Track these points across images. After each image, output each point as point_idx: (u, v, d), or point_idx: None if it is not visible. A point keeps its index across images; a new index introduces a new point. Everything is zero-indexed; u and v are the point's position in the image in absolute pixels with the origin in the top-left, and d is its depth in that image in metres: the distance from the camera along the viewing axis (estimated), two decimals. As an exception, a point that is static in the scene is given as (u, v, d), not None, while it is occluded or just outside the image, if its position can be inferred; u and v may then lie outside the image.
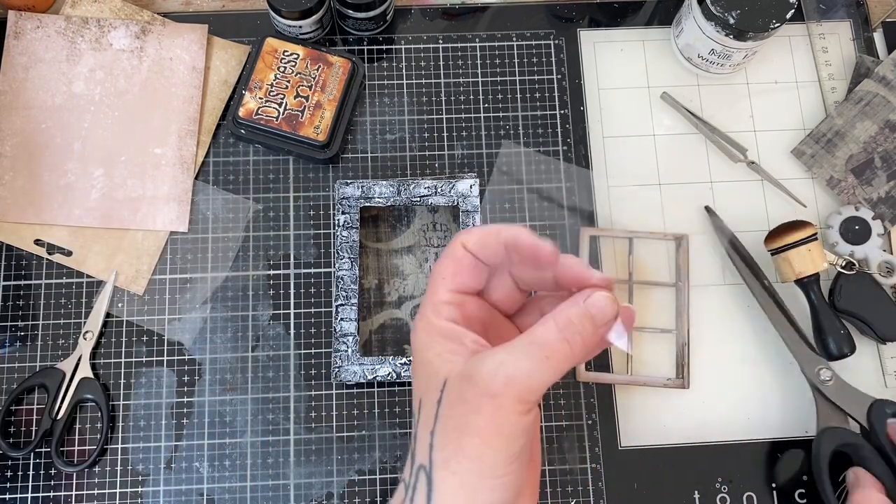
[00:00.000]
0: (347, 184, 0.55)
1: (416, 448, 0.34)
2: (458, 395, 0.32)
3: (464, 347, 0.33)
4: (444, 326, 0.34)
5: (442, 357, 0.33)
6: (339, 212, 0.54)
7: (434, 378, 0.33)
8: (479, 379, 0.31)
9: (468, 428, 0.31)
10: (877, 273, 0.55)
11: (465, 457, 0.31)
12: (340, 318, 0.52)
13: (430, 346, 0.34)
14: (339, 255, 0.53)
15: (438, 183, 0.55)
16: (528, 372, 0.31)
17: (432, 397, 0.33)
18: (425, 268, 0.54)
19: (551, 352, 0.32)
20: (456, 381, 0.32)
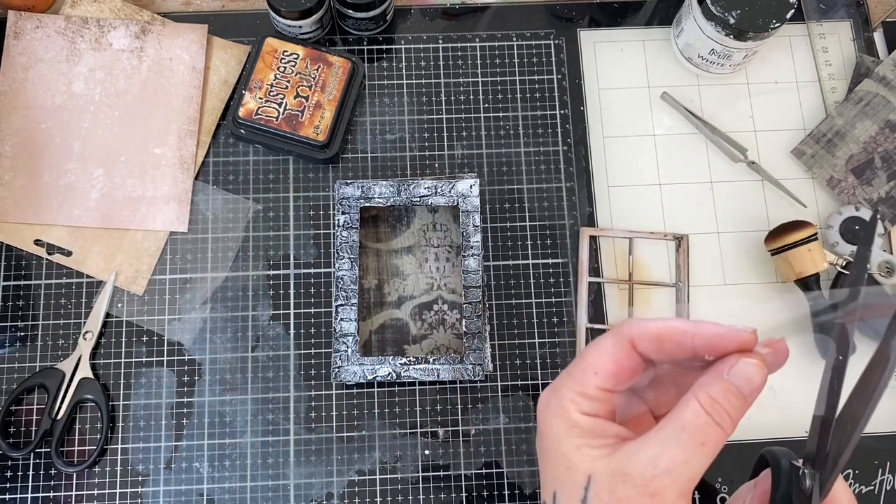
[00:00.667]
0: (347, 184, 0.55)
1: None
2: (609, 494, 0.30)
3: (608, 441, 0.31)
4: (585, 421, 0.31)
5: (582, 451, 0.31)
6: (339, 212, 0.54)
7: (573, 473, 0.31)
8: (636, 477, 0.29)
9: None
10: (877, 273, 0.55)
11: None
12: (340, 319, 0.52)
13: (568, 438, 0.31)
14: (338, 255, 0.53)
15: (438, 183, 0.55)
16: (685, 462, 0.29)
17: (574, 494, 0.31)
18: (425, 268, 0.54)
19: (705, 437, 0.29)
20: (605, 480, 0.30)
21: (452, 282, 0.55)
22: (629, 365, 0.32)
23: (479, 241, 0.53)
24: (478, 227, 0.54)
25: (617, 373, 0.31)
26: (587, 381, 0.32)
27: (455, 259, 0.56)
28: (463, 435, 0.53)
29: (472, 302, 0.53)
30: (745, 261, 0.57)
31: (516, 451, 0.53)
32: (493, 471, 0.52)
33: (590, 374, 0.32)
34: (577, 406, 0.31)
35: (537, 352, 0.55)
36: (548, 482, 0.32)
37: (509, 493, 0.52)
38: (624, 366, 0.32)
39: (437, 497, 0.52)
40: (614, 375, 0.31)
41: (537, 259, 0.56)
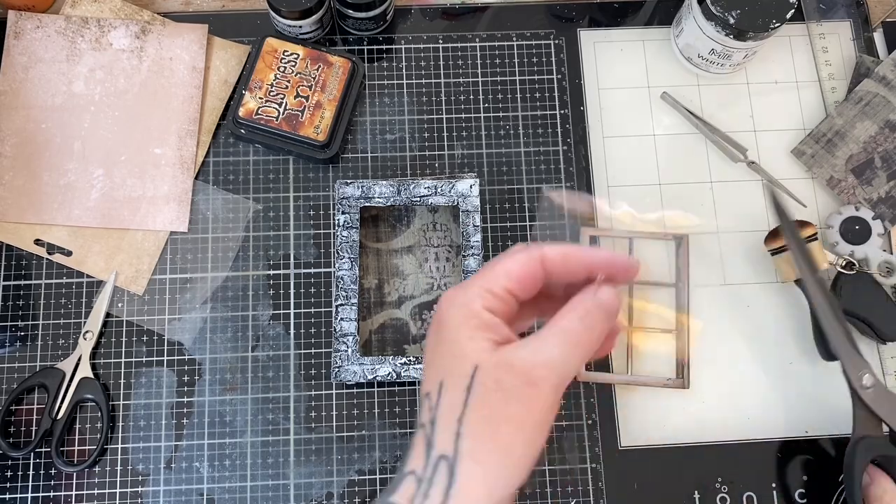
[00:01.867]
0: (347, 184, 0.55)
1: (436, 436, 0.33)
2: (494, 383, 0.32)
3: (497, 338, 0.34)
4: (485, 315, 0.34)
5: (475, 342, 0.33)
6: (339, 212, 0.54)
7: (462, 361, 0.33)
8: (518, 367, 0.32)
9: (504, 416, 0.32)
10: (877, 273, 0.55)
11: (496, 446, 0.32)
12: (340, 318, 0.52)
13: (465, 328, 0.34)
14: (339, 255, 0.53)
15: (438, 183, 0.55)
16: (562, 359, 0.33)
17: (460, 382, 0.33)
18: (425, 268, 0.54)
19: (579, 339, 0.33)
20: (491, 368, 0.32)
21: (452, 282, 0.55)
22: (536, 275, 0.35)
23: (479, 241, 0.53)
24: (478, 226, 0.54)
25: (524, 279, 0.35)
26: (497, 282, 0.34)
27: (455, 259, 0.56)
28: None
29: None
30: (744, 261, 0.57)
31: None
32: (493, 471, 0.52)
33: (501, 276, 0.34)
34: (483, 301, 0.34)
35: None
36: (434, 373, 0.34)
37: (509, 493, 0.52)
38: (531, 274, 0.35)
39: (437, 497, 0.52)
40: (521, 281, 0.35)
41: (537, 259, 0.56)
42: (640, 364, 0.55)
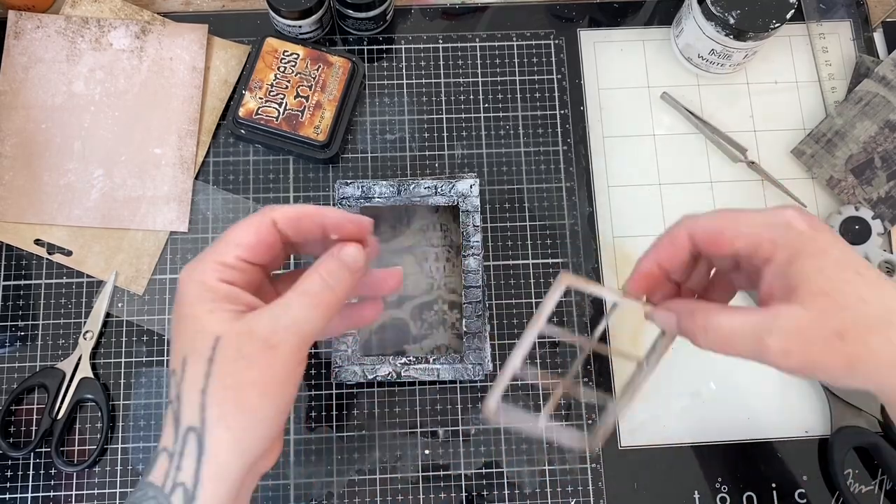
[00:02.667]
0: (347, 184, 0.55)
1: (183, 410, 0.34)
2: (235, 351, 0.33)
3: (239, 307, 0.34)
4: (222, 287, 0.35)
5: (215, 314, 0.34)
6: None
7: (203, 335, 0.34)
8: (259, 333, 0.33)
9: (248, 381, 0.33)
10: (877, 273, 0.55)
11: (242, 411, 0.33)
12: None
13: (202, 302, 0.34)
14: None
15: (438, 183, 0.55)
16: (303, 320, 0.34)
17: (201, 355, 0.33)
18: (425, 268, 0.54)
19: (319, 300, 0.35)
20: (232, 337, 0.33)
21: (452, 282, 0.55)
22: (268, 240, 0.36)
23: (479, 241, 0.53)
24: (478, 226, 0.54)
25: (256, 245, 0.36)
26: (228, 252, 0.35)
27: (455, 259, 0.56)
28: (463, 435, 0.53)
29: (472, 302, 0.53)
30: (744, 261, 0.57)
31: (516, 450, 0.53)
32: (492, 470, 0.53)
33: (231, 246, 0.35)
34: (217, 273, 0.35)
35: (537, 352, 0.55)
36: (179, 350, 0.35)
37: (509, 493, 0.52)
38: (263, 240, 0.36)
39: (437, 497, 0.52)
40: (253, 248, 0.36)
41: (537, 259, 0.56)
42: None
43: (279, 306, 0.34)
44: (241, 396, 0.33)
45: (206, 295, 0.34)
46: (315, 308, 0.35)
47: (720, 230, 0.35)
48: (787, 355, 0.33)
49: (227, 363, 0.33)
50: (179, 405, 0.34)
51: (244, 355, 0.33)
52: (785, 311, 0.33)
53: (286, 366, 0.34)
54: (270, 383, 0.34)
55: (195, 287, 0.35)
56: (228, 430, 0.33)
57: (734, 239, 0.35)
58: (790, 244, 0.34)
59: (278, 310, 0.34)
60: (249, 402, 0.33)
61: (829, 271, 0.33)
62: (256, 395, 0.33)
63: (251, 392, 0.33)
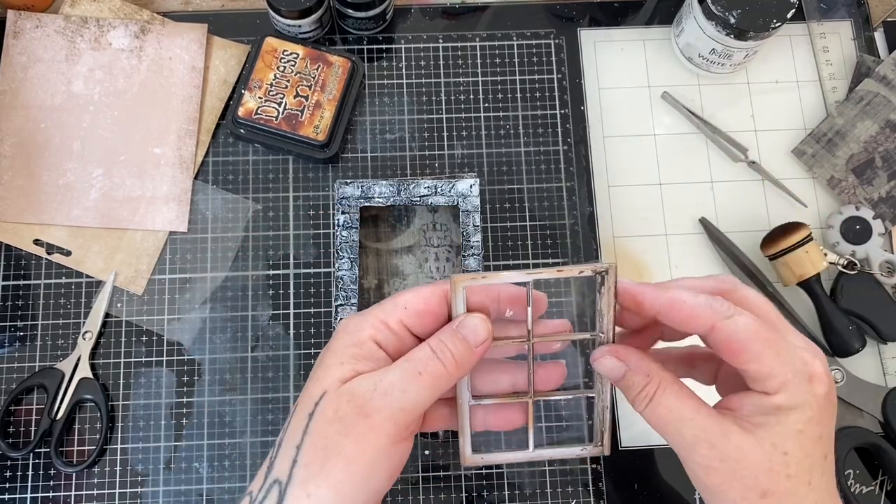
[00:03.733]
0: (347, 183, 0.55)
1: (277, 460, 0.32)
2: (334, 412, 0.31)
3: (370, 365, 0.32)
4: (368, 345, 0.33)
5: (341, 368, 0.32)
6: (339, 211, 0.54)
7: (316, 385, 0.32)
8: (358, 397, 0.31)
9: (336, 449, 0.31)
10: (878, 273, 0.55)
11: (325, 481, 0.31)
12: (340, 318, 0.52)
13: (342, 354, 0.32)
14: (338, 255, 0.53)
15: (438, 183, 0.55)
16: (402, 389, 0.31)
17: (305, 408, 0.32)
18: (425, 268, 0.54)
19: (423, 367, 0.32)
20: (334, 397, 0.31)
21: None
22: (437, 311, 0.33)
23: (479, 241, 0.53)
24: (478, 226, 0.54)
25: (424, 314, 0.33)
26: (393, 313, 0.33)
27: (455, 259, 0.56)
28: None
29: None
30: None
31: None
32: (493, 471, 0.52)
33: (399, 308, 0.33)
34: (374, 331, 0.33)
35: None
36: (304, 388, 0.33)
37: (509, 494, 0.52)
38: (433, 310, 0.33)
39: (437, 497, 0.52)
40: (420, 316, 0.33)
41: (537, 259, 0.56)
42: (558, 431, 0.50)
43: (382, 372, 0.32)
44: (327, 464, 0.31)
45: (350, 349, 0.33)
46: (417, 376, 0.32)
47: (744, 344, 0.32)
48: (708, 472, 0.32)
49: (324, 423, 0.31)
50: (276, 453, 0.33)
51: (340, 418, 0.31)
52: (737, 440, 0.31)
53: (379, 440, 0.31)
54: (360, 458, 0.31)
55: (346, 338, 0.33)
56: (308, 496, 0.31)
57: (752, 359, 0.32)
58: (796, 395, 0.31)
59: (380, 374, 0.32)
60: (334, 473, 0.31)
61: (807, 443, 0.31)
62: (342, 466, 0.31)
63: (338, 462, 0.31)
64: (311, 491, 0.31)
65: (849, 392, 0.53)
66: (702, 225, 0.57)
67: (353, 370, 0.32)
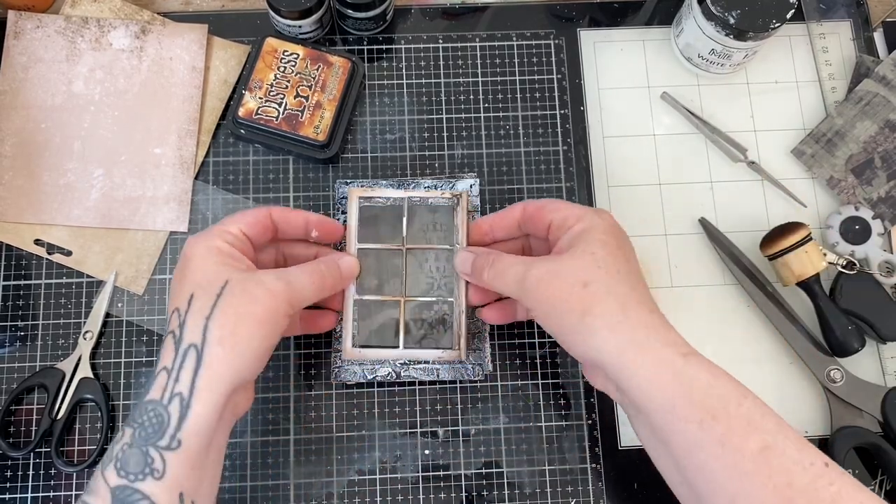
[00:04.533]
0: (347, 183, 0.55)
1: (185, 334, 0.40)
2: (241, 289, 0.41)
3: (241, 265, 0.43)
4: (227, 248, 0.43)
5: (224, 266, 0.42)
6: (339, 211, 0.54)
7: (213, 277, 0.41)
8: (264, 281, 0.42)
9: (246, 313, 0.40)
10: (877, 273, 0.55)
11: (237, 335, 0.40)
12: (341, 319, 0.52)
13: (210, 257, 0.42)
14: None
15: (438, 183, 0.55)
16: (299, 284, 0.43)
17: (210, 292, 0.41)
18: (425, 268, 0.54)
19: (315, 278, 0.45)
20: (241, 280, 0.41)
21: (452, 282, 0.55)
22: (264, 223, 0.46)
23: None
24: None
25: (254, 224, 0.45)
26: (232, 225, 0.44)
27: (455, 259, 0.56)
28: (463, 435, 0.53)
29: None
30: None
31: (516, 451, 0.53)
32: (493, 471, 0.52)
33: (234, 222, 0.45)
34: (223, 238, 0.43)
35: (537, 352, 0.55)
36: (183, 290, 0.41)
37: (509, 493, 0.52)
38: (261, 222, 0.46)
39: (437, 497, 0.52)
40: (251, 225, 0.45)
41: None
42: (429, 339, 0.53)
43: (282, 271, 0.43)
44: (240, 323, 0.40)
45: (213, 254, 0.42)
46: (311, 282, 0.44)
47: (544, 205, 0.47)
48: (538, 286, 0.42)
49: (233, 297, 0.40)
50: (182, 331, 0.40)
51: (248, 293, 0.41)
52: (551, 257, 0.44)
53: (278, 310, 0.41)
54: (265, 319, 0.41)
55: (202, 249, 0.43)
56: (223, 347, 0.39)
57: (552, 212, 0.46)
58: (590, 220, 0.44)
59: (281, 272, 0.43)
60: (246, 329, 0.40)
61: (609, 248, 0.43)
62: (252, 324, 0.40)
63: (249, 321, 0.40)
64: (227, 343, 0.40)
65: (848, 392, 0.53)
66: (701, 225, 0.57)
67: (232, 265, 0.42)
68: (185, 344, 0.40)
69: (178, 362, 0.40)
